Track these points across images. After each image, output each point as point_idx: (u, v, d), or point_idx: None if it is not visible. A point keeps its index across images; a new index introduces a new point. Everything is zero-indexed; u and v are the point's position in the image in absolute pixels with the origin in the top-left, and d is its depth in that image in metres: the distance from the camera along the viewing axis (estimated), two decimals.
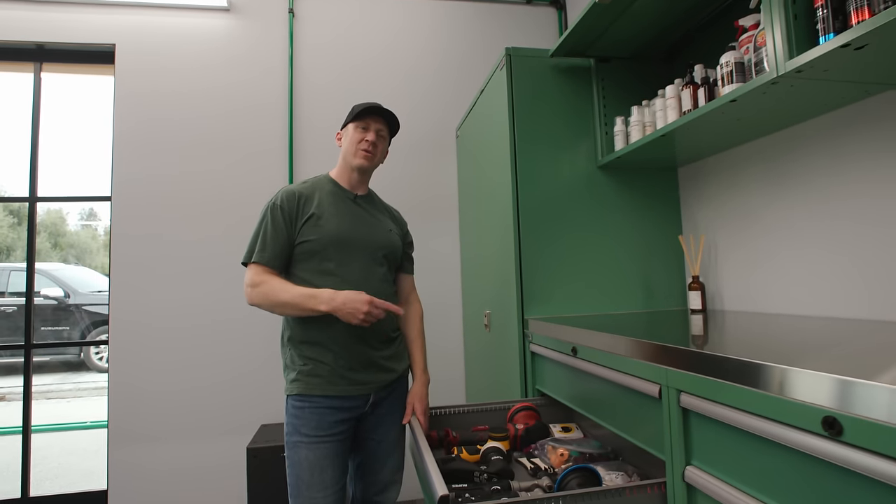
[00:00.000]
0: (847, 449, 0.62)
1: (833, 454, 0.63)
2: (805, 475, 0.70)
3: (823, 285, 1.39)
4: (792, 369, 0.70)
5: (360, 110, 1.46)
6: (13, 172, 3.79)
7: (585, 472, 1.15)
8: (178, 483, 2.43)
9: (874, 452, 0.59)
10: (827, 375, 0.65)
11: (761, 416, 0.75)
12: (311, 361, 1.37)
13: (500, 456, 1.37)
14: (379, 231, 1.51)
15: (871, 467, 0.59)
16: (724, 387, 0.83)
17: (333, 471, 1.33)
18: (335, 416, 1.35)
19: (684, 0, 1.58)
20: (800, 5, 1.09)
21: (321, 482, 1.30)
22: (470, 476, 1.24)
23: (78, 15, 2.54)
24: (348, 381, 1.37)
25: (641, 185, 1.98)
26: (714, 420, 0.87)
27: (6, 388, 5.88)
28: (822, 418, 0.64)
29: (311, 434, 1.33)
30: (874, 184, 1.25)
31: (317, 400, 1.35)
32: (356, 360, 1.39)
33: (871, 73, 1.10)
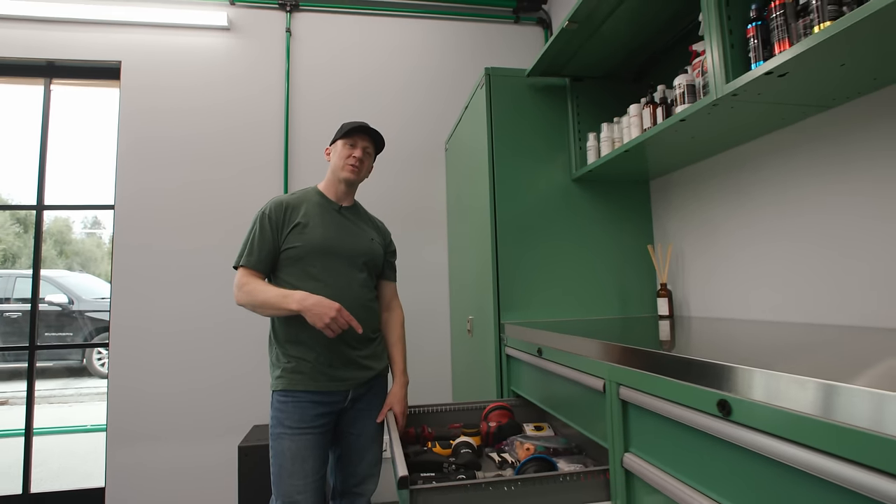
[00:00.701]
0: (735, 427, 0.72)
1: (724, 432, 0.73)
2: (709, 453, 0.79)
3: (776, 291, 1.49)
4: (695, 359, 0.80)
5: (349, 129, 1.58)
6: (20, 181, 3.93)
7: (543, 462, 1.25)
8: (173, 480, 2.52)
9: (756, 429, 0.68)
10: (720, 363, 0.75)
11: (675, 402, 0.85)
12: (294, 359, 1.47)
13: (469, 450, 1.46)
14: (361, 240, 1.62)
15: (754, 442, 0.68)
16: (650, 378, 0.93)
17: (314, 461, 1.43)
18: (316, 409, 1.45)
19: (646, 26, 1.70)
20: (736, 35, 1.21)
21: (302, 471, 1.40)
22: (439, 467, 1.33)
23: (86, 34, 2.68)
24: (329, 378, 1.47)
25: (616, 196, 2.09)
26: (646, 409, 0.96)
27: (10, 393, 5.98)
28: (717, 401, 0.74)
29: (293, 426, 1.43)
30: (815, 198, 1.35)
31: (299, 395, 1.45)
32: (337, 358, 1.49)
33: (800, 97, 1.20)
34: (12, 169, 4.44)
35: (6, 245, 7.73)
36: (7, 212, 7.22)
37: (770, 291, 1.50)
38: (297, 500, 1.39)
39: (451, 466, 1.33)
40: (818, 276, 1.34)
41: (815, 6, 1.00)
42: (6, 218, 7.47)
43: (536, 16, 3.13)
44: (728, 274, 1.68)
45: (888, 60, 1.03)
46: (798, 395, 0.62)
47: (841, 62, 1.02)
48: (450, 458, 1.41)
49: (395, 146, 2.83)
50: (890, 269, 1.16)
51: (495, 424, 1.63)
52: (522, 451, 1.46)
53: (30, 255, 7.87)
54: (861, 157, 1.22)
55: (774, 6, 1.09)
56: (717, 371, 0.76)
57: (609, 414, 1.08)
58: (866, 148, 1.21)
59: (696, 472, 0.83)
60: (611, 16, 1.63)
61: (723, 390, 0.74)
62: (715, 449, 0.78)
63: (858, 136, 1.22)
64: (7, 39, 2.62)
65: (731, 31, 1.20)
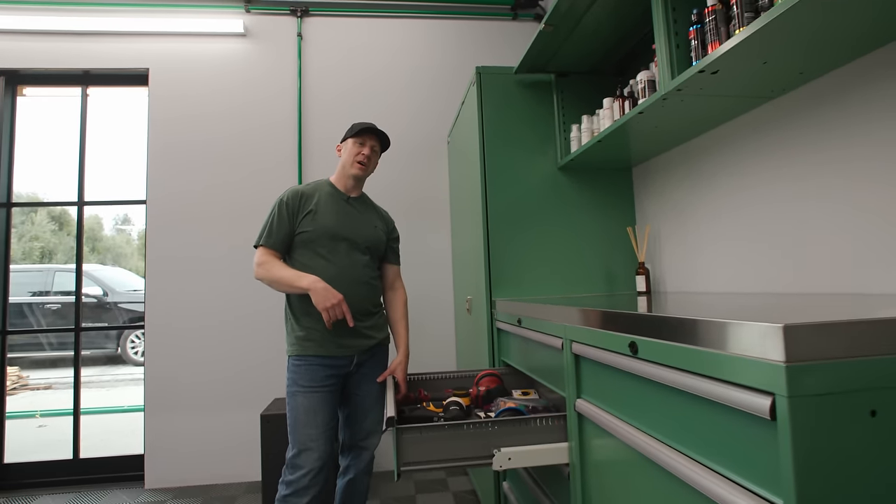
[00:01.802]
0: (641, 363, 0.90)
1: (633, 367, 0.91)
2: (624, 387, 0.98)
3: (737, 265, 1.64)
4: (615, 311, 0.98)
5: (359, 129, 1.79)
6: (54, 181, 4.26)
7: (516, 413, 1.44)
8: (204, 446, 2.80)
9: (658, 363, 0.86)
10: (631, 313, 0.93)
11: (603, 349, 1.03)
12: (306, 329, 1.70)
13: (458, 408, 1.66)
14: (365, 227, 1.83)
15: (657, 374, 0.87)
16: (588, 331, 1.11)
17: (324, 415, 1.65)
18: (326, 371, 1.68)
19: (623, 24, 1.85)
20: (681, 37, 1.37)
21: (314, 422, 1.62)
22: (429, 420, 1.54)
23: (117, 44, 2.94)
24: (336, 345, 1.70)
25: (600, 183, 2.25)
26: (590, 360, 1.15)
27: (53, 379, 6.41)
28: (629, 343, 0.92)
29: (306, 385, 1.65)
30: (768, 179, 1.50)
31: (311, 359, 1.67)
32: (342, 328, 1.70)
33: (738, 90, 1.36)
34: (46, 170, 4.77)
35: (44, 242, 8.22)
36: (43, 211, 7.65)
37: (732, 265, 1.66)
38: (310, 446, 1.61)
39: (440, 420, 1.54)
40: (773, 251, 1.49)
41: (736, 13, 1.15)
42: (43, 217, 7.95)
43: (533, 12, 3.28)
44: (697, 251, 1.84)
45: (807, 59, 1.18)
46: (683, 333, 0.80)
47: (763, 60, 1.18)
48: (440, 414, 1.62)
49: (400, 140, 3.03)
50: (832, 241, 1.31)
51: (485, 388, 1.82)
52: (505, 406, 1.65)
53: (65, 251, 8.31)
54: (801, 142, 1.37)
55: (708, 11, 1.25)
56: (629, 319, 0.94)
57: (566, 367, 1.27)
58: (806, 134, 1.35)
59: (631, 409, 1.02)
60: (586, 15, 1.79)
61: (633, 334, 0.93)
62: (627, 382, 0.96)
63: (798, 124, 1.37)
64: (47, 51, 2.89)
65: (677, 33, 1.36)
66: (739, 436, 0.68)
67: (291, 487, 1.58)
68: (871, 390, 0.59)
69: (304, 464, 1.60)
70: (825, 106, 1.28)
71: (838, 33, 1.06)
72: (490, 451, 1.26)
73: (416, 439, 1.25)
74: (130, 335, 6.79)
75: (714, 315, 0.76)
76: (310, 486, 1.59)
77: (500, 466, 1.24)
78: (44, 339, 6.73)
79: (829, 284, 1.29)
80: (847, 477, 0.58)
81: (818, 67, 1.24)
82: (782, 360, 0.58)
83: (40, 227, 8.16)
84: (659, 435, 0.88)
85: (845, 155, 1.23)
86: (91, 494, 2.70)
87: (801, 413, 0.58)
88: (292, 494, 1.58)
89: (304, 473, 1.58)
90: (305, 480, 1.58)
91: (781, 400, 0.58)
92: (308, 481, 1.58)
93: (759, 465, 0.64)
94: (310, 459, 1.60)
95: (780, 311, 0.85)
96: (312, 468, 1.59)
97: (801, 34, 1.05)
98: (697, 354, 0.75)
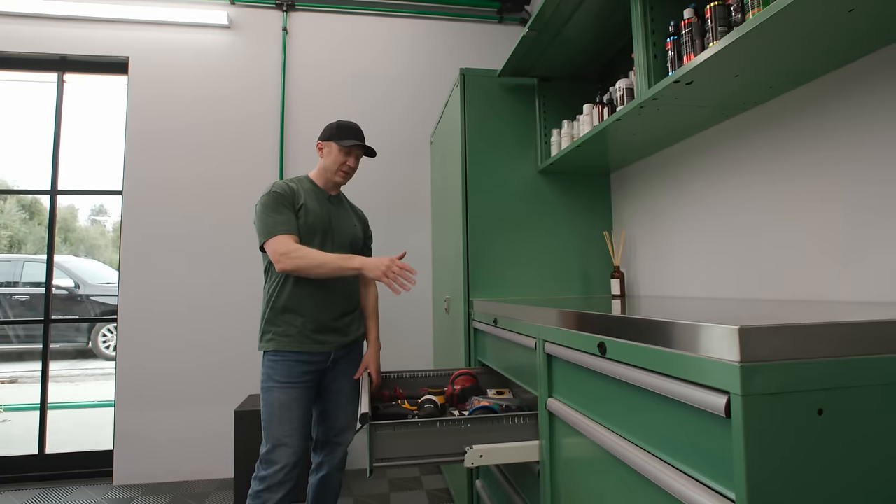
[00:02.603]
0: (609, 363, 0.92)
1: (601, 367, 0.94)
2: (593, 386, 1.00)
3: (706, 271, 1.69)
4: (585, 312, 1.01)
5: (348, 143, 1.74)
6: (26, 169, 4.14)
7: (489, 411, 1.46)
8: (175, 442, 2.76)
9: (625, 363, 0.89)
10: (600, 314, 0.96)
11: (574, 349, 1.06)
12: (284, 324, 1.68)
13: (433, 405, 1.68)
14: (346, 224, 1.84)
15: (624, 374, 0.89)
16: (562, 332, 1.14)
17: (299, 411, 1.64)
18: (302, 367, 1.67)
19: (605, 31, 1.89)
20: (659, 47, 1.40)
21: (289, 418, 1.62)
22: (403, 417, 1.55)
23: (97, 30, 2.88)
24: (313, 341, 1.69)
25: (579, 187, 2.29)
26: (562, 359, 1.18)
27: (19, 372, 6.23)
28: (597, 343, 0.95)
29: (282, 381, 1.64)
30: (738, 187, 1.55)
31: (287, 354, 1.66)
32: (320, 325, 1.70)
33: (713, 101, 1.40)
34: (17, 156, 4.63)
35: (13, 231, 7.97)
36: (13, 199, 7.43)
37: (704, 271, 1.71)
38: (285, 442, 1.60)
39: (414, 417, 1.55)
40: (742, 257, 1.54)
41: (710, 27, 1.19)
42: (13, 205, 7.71)
43: (519, 16, 3.31)
44: (670, 256, 1.88)
45: (777, 73, 1.23)
46: (649, 334, 0.83)
47: (735, 73, 1.22)
48: (414, 411, 1.63)
49: (383, 139, 3.04)
50: (797, 248, 1.36)
51: (459, 387, 1.84)
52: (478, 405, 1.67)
53: (35, 241, 8.08)
54: (771, 153, 1.42)
55: (684, 24, 1.29)
56: (598, 320, 0.97)
57: (538, 366, 1.29)
58: (776, 145, 1.40)
59: (599, 407, 1.04)
60: (569, 22, 1.82)
61: (602, 335, 0.95)
62: (595, 381, 0.99)
63: (769, 135, 1.42)
64: (24, 35, 2.82)
65: (655, 44, 1.40)
66: (699, 434, 0.71)
67: (265, 483, 1.58)
68: (818, 391, 0.62)
69: (278, 459, 1.59)
70: (794, 118, 1.33)
71: (806, 50, 1.10)
72: (462, 449, 1.27)
73: (390, 436, 1.26)
74: (102, 329, 6.64)
75: (679, 317, 0.79)
76: (284, 481, 1.58)
77: (471, 463, 1.26)
78: (11, 332, 6.53)
79: (795, 291, 1.34)
80: (795, 472, 0.61)
81: (788, 82, 1.28)
82: (737, 360, 0.61)
83: (9, 215, 7.91)
84: (624, 433, 0.91)
85: (812, 165, 1.28)
86: (57, 491, 2.63)
87: (754, 411, 0.60)
88: (265, 490, 1.57)
89: (279, 469, 1.58)
90: (280, 476, 1.58)
91: (735, 398, 0.61)
92: (282, 476, 1.58)
93: (715, 461, 0.67)
94: (284, 455, 1.59)
95: (742, 314, 0.89)
96: (287, 464, 1.59)
97: (772, 50, 1.10)
98: (661, 355, 0.78)
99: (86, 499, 2.53)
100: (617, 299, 1.93)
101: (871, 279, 1.13)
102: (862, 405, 0.63)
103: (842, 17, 0.95)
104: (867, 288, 1.14)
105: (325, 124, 1.86)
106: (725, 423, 0.64)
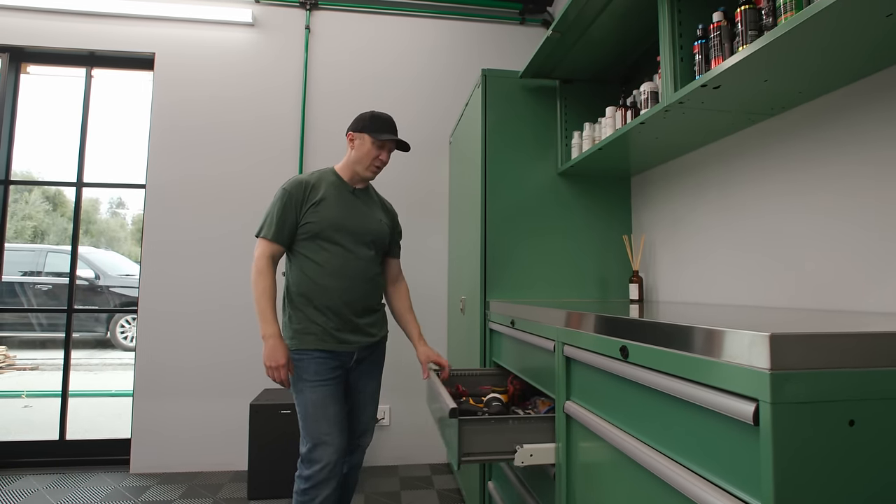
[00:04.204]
0: (631, 367, 0.92)
1: (622, 371, 0.93)
2: (613, 390, 1.00)
3: (725, 279, 1.67)
4: (606, 315, 1.00)
5: (385, 137, 1.70)
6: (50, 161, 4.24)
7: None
8: (191, 433, 2.80)
9: (648, 368, 0.89)
10: (623, 318, 0.95)
11: (595, 352, 1.05)
12: (304, 321, 1.66)
13: (499, 403, 1.66)
14: (370, 220, 1.78)
15: (647, 379, 0.89)
16: (583, 335, 1.13)
17: (334, 406, 1.63)
18: (328, 364, 1.65)
19: (630, 33, 1.88)
20: (686, 50, 1.39)
21: (325, 416, 1.60)
22: (474, 413, 1.54)
23: (124, 27, 2.94)
24: (336, 340, 1.66)
25: (599, 191, 2.27)
26: (581, 363, 1.17)
27: (40, 360, 6.37)
28: (619, 347, 0.95)
29: (311, 379, 1.62)
30: (761, 195, 1.53)
31: (311, 353, 1.64)
32: (343, 324, 1.68)
33: (740, 106, 1.38)
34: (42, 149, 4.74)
35: (37, 222, 8.16)
36: (38, 191, 7.60)
37: (724, 278, 1.68)
38: (325, 440, 1.59)
39: (485, 414, 1.54)
40: (765, 266, 1.52)
41: (740, 31, 1.18)
42: (37, 196, 7.89)
43: (541, 17, 3.30)
44: (690, 263, 1.86)
45: (807, 79, 1.21)
46: (673, 339, 0.82)
47: (764, 78, 1.21)
48: (483, 408, 1.62)
49: (403, 137, 3.04)
50: (821, 258, 1.34)
51: (520, 386, 1.82)
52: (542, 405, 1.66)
53: (58, 232, 8.25)
54: (797, 160, 1.39)
55: (713, 28, 1.28)
56: (621, 324, 0.96)
57: (557, 369, 1.29)
58: (803, 152, 1.38)
59: (618, 412, 1.04)
60: (593, 25, 1.81)
61: (624, 339, 0.95)
62: (618, 385, 0.99)
63: (795, 141, 1.40)
64: (54, 30, 2.89)
65: (682, 47, 1.39)
66: (724, 441, 0.70)
67: (310, 482, 1.57)
68: (850, 401, 0.61)
69: (320, 458, 1.57)
70: (822, 125, 1.31)
71: (839, 55, 1.08)
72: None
73: (477, 431, 1.30)
74: (120, 319, 6.76)
75: (704, 323, 0.78)
76: (329, 478, 1.58)
77: (521, 462, 1.29)
78: (34, 320, 6.69)
79: (820, 300, 1.31)
80: (824, 483, 0.60)
81: (818, 88, 1.26)
82: (767, 367, 0.61)
83: (34, 206, 8.10)
84: (645, 438, 0.90)
85: (840, 173, 1.26)
86: (75, 476, 2.69)
87: (783, 420, 0.60)
88: (312, 488, 1.57)
89: (322, 467, 1.57)
90: (324, 473, 1.57)
91: (765, 406, 0.61)
92: (327, 474, 1.57)
93: (741, 469, 0.67)
94: (326, 453, 1.58)
95: (768, 321, 0.88)
96: (329, 461, 1.58)
97: (803, 54, 1.08)
98: (687, 360, 0.77)
99: (103, 485, 2.58)
100: (636, 304, 1.92)
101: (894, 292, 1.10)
102: (894, 417, 0.62)
103: (879, 21, 0.94)
104: (893, 300, 1.11)
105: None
106: (753, 431, 0.63)
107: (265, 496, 2.46)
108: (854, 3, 0.88)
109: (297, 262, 1.69)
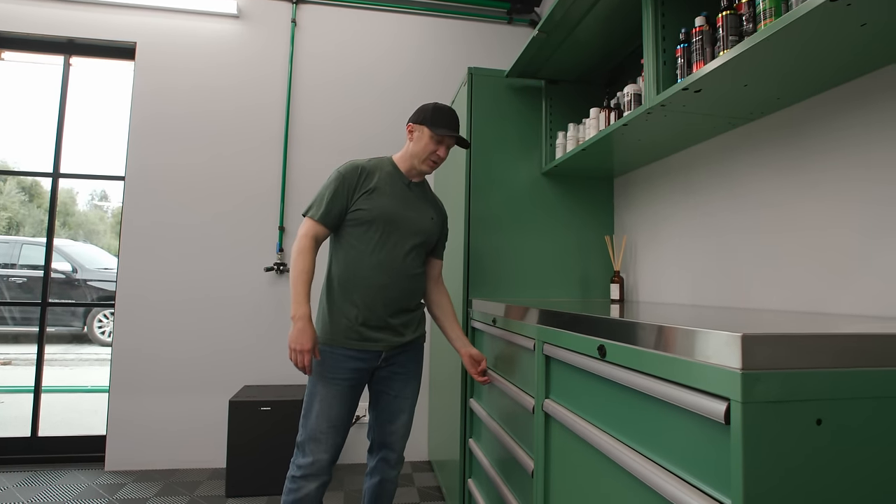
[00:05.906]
0: (608, 366, 0.93)
1: (600, 370, 0.94)
2: (591, 389, 1.01)
3: (704, 280, 1.69)
4: (584, 315, 1.01)
5: (445, 132, 1.61)
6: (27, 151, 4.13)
7: None
8: (168, 430, 2.76)
9: (624, 367, 0.89)
10: (601, 317, 0.96)
11: (573, 351, 1.06)
12: (336, 314, 1.60)
13: None
14: (422, 217, 1.70)
15: (623, 378, 0.90)
16: (562, 334, 1.14)
17: (339, 409, 1.58)
18: (350, 363, 1.59)
19: (615, 35, 1.89)
20: (668, 54, 1.40)
21: (327, 415, 1.57)
22: None
23: (105, 14, 2.87)
24: (361, 338, 1.59)
25: (582, 191, 2.29)
26: (560, 361, 1.18)
27: (13, 355, 6.22)
28: (597, 346, 0.95)
29: (327, 375, 1.58)
30: (739, 196, 1.55)
31: (336, 349, 1.59)
32: (374, 320, 1.60)
33: (721, 110, 1.40)
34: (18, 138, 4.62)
35: (12, 213, 7.95)
36: (13, 181, 7.41)
37: (703, 279, 1.71)
38: (318, 438, 1.56)
39: None
40: (742, 267, 1.54)
41: (721, 35, 1.20)
42: (12, 186, 7.68)
43: (528, 18, 3.31)
44: (671, 264, 1.89)
45: (785, 85, 1.23)
46: (650, 339, 0.83)
47: (744, 83, 1.22)
48: None
49: (388, 136, 3.04)
50: (796, 261, 1.36)
51: None
52: None
53: (34, 223, 8.05)
54: (775, 165, 1.42)
55: (695, 32, 1.29)
56: (599, 323, 0.97)
57: (536, 368, 1.30)
58: (780, 157, 1.40)
59: (595, 410, 1.05)
60: (579, 26, 1.82)
61: (602, 338, 0.96)
62: (595, 384, 0.99)
63: (773, 147, 1.42)
64: (32, 16, 2.81)
65: (665, 51, 1.40)
66: (697, 439, 0.71)
67: (303, 470, 1.56)
68: (818, 400, 0.62)
69: (311, 453, 1.57)
70: (799, 131, 1.33)
71: (816, 62, 1.11)
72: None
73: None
74: (98, 314, 6.63)
75: (679, 323, 0.79)
76: (318, 474, 1.56)
77: None
78: (6, 313, 6.52)
79: (797, 303, 1.34)
80: (792, 480, 0.62)
81: (795, 94, 1.29)
82: (739, 367, 0.61)
83: (8, 196, 7.89)
84: (621, 436, 0.91)
85: (815, 180, 1.29)
86: (48, 474, 2.63)
87: (753, 418, 0.61)
88: (303, 478, 1.56)
89: (312, 462, 1.56)
90: (314, 468, 1.56)
91: (735, 405, 0.62)
92: (316, 470, 1.56)
93: (713, 467, 0.68)
94: (317, 450, 1.56)
95: (743, 322, 0.89)
96: (318, 459, 1.56)
97: (782, 60, 1.10)
98: (662, 359, 0.78)
99: (77, 483, 2.53)
100: (616, 304, 1.94)
101: (868, 294, 1.13)
102: (859, 417, 0.64)
103: (854, 31, 0.96)
104: (864, 303, 1.14)
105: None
106: (724, 430, 0.64)
107: (243, 494, 2.43)
108: (831, 12, 0.90)
109: (343, 250, 1.63)
